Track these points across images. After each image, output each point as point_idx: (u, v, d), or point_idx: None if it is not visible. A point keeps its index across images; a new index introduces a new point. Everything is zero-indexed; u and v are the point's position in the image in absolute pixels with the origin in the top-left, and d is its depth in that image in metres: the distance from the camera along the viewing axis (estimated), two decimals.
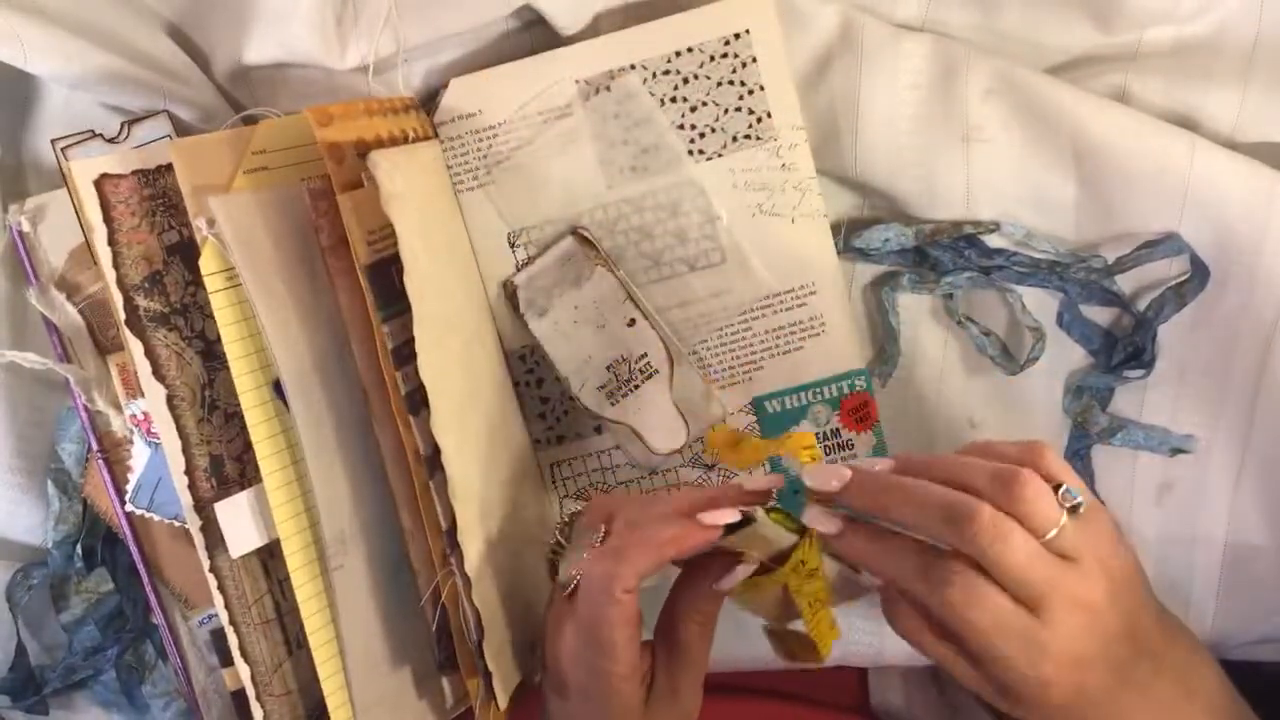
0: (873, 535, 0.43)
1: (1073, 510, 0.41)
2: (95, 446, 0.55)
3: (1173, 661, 0.45)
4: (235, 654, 0.51)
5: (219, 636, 0.53)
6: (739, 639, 0.55)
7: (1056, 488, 0.42)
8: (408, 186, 0.46)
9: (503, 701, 0.49)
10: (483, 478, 0.49)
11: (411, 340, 0.44)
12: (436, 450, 0.45)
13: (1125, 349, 0.55)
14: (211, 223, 0.45)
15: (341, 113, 0.46)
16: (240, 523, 0.50)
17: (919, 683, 0.65)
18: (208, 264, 0.46)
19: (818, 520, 0.44)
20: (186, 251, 0.50)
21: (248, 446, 0.48)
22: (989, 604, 0.40)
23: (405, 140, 0.50)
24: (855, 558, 0.44)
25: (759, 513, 0.44)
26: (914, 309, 0.57)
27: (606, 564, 0.43)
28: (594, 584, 0.43)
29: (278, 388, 0.47)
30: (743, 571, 0.45)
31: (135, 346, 0.49)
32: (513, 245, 0.55)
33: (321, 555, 0.48)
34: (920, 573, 0.41)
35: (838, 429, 0.56)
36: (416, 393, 0.45)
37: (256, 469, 0.47)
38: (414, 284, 0.44)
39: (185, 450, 0.49)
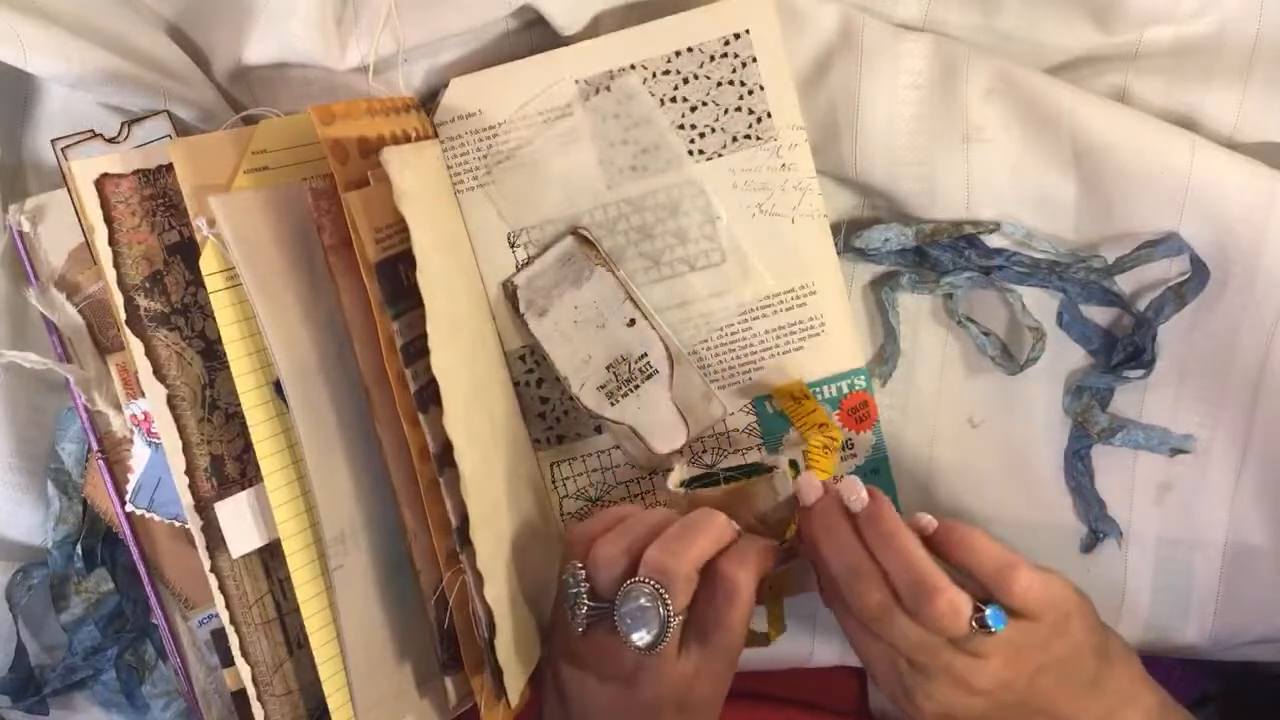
0: (830, 530, 0.47)
1: (983, 629, 0.43)
2: (95, 446, 0.55)
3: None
4: (236, 654, 0.51)
5: (219, 636, 0.53)
6: None
7: (982, 606, 0.43)
8: (417, 184, 0.46)
9: (514, 699, 0.49)
10: (490, 476, 0.50)
11: (420, 337, 0.44)
12: (445, 447, 0.45)
13: (1125, 349, 0.55)
14: (212, 222, 0.45)
15: (344, 112, 0.46)
16: (241, 523, 0.50)
17: None
18: (208, 264, 0.46)
19: (806, 487, 0.48)
20: (187, 251, 0.50)
21: (248, 446, 0.48)
22: (876, 650, 0.45)
23: (407, 140, 0.50)
24: (809, 538, 0.47)
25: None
26: (914, 309, 0.57)
27: (744, 570, 0.46)
28: (734, 589, 0.46)
29: (278, 387, 0.47)
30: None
31: (136, 346, 0.49)
32: (513, 245, 0.55)
33: (322, 555, 0.48)
34: (846, 584, 0.45)
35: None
36: (425, 390, 0.45)
37: (257, 469, 0.47)
38: (427, 280, 0.44)
39: (186, 450, 0.49)
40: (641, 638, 0.45)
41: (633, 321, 0.55)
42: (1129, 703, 0.48)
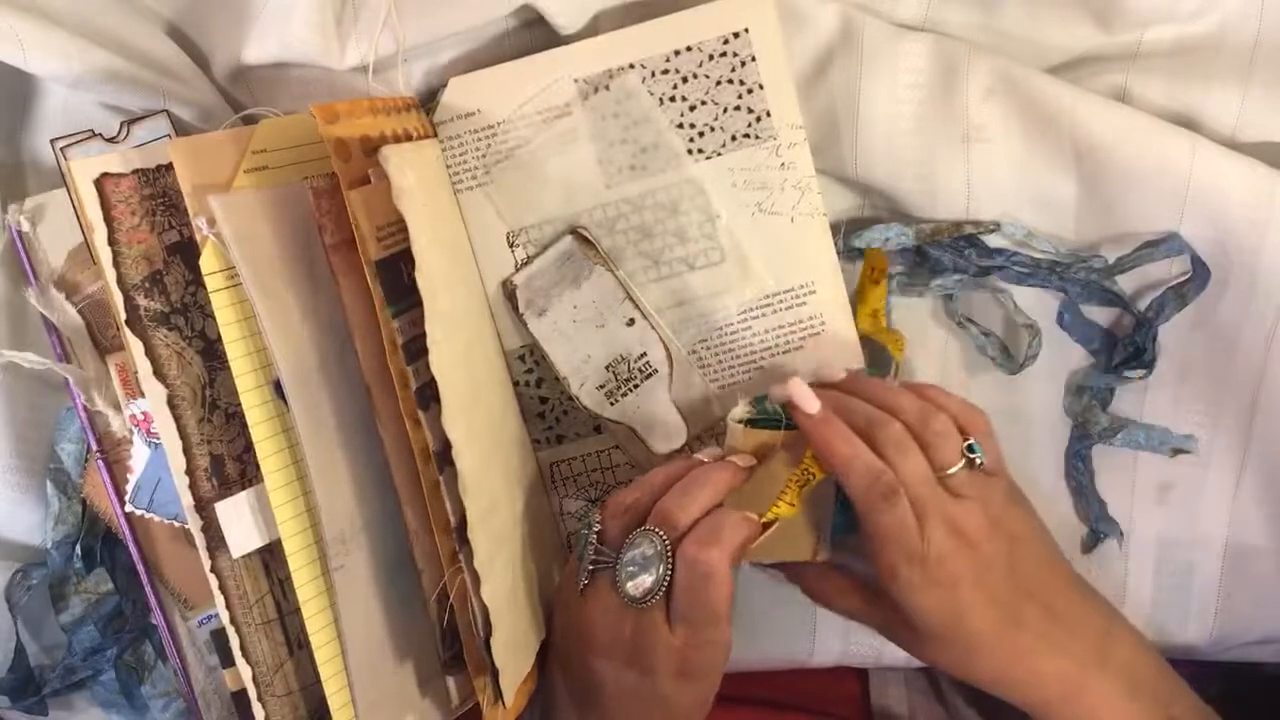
0: (844, 434, 0.48)
1: (970, 462, 0.48)
2: (95, 446, 0.55)
3: (1083, 625, 0.48)
4: (236, 654, 0.51)
5: (219, 636, 0.53)
6: (740, 641, 0.55)
7: (966, 440, 0.48)
8: (417, 182, 0.46)
9: (509, 699, 0.49)
10: (491, 474, 0.49)
11: (421, 336, 0.44)
12: (445, 446, 0.45)
13: (1126, 349, 0.55)
14: (212, 222, 0.45)
15: (346, 110, 0.46)
16: (241, 523, 0.50)
17: (920, 691, 0.65)
18: (208, 263, 0.46)
19: (801, 396, 0.48)
20: (187, 251, 0.50)
21: (249, 446, 0.48)
22: (899, 512, 0.46)
23: (408, 139, 0.50)
24: (820, 442, 0.48)
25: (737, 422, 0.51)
26: (914, 310, 0.57)
27: (712, 550, 0.46)
28: (706, 569, 0.46)
29: (279, 387, 0.47)
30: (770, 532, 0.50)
31: (135, 346, 0.49)
32: (512, 245, 0.55)
33: (323, 555, 0.48)
34: (870, 474, 0.46)
35: None
36: (426, 388, 0.45)
37: (257, 469, 0.47)
38: (426, 278, 0.44)
39: (186, 450, 0.49)
40: (638, 586, 0.46)
41: (632, 321, 0.55)
42: (1126, 634, 0.50)
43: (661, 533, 0.47)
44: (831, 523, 0.52)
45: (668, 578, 0.46)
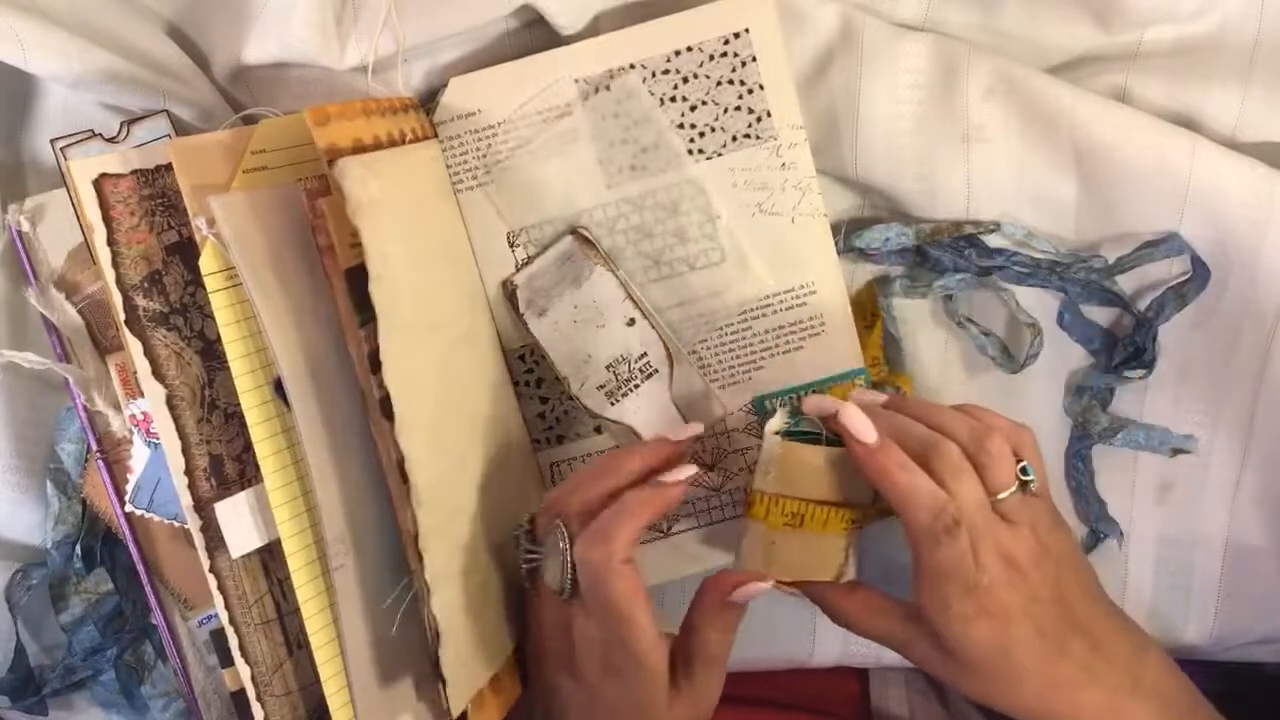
0: (902, 462, 0.46)
1: (1024, 484, 0.46)
2: (94, 446, 0.55)
3: (1117, 651, 0.47)
4: (236, 654, 0.51)
5: (219, 636, 0.53)
6: (740, 641, 0.55)
7: (1019, 462, 0.46)
8: (386, 191, 0.45)
9: (456, 710, 0.48)
10: (459, 483, 0.49)
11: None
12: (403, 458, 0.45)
13: (1126, 349, 0.55)
14: (211, 222, 0.45)
15: (339, 112, 0.46)
16: (240, 523, 0.50)
17: (920, 691, 0.65)
18: (207, 264, 0.46)
19: (856, 424, 0.46)
20: (186, 251, 0.50)
21: (248, 446, 0.47)
22: (962, 545, 0.44)
23: (403, 141, 0.50)
24: (878, 471, 0.46)
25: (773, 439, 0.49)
26: (914, 310, 0.57)
27: (598, 548, 0.45)
28: (593, 568, 0.45)
29: (278, 387, 0.47)
30: (756, 590, 0.48)
31: (135, 346, 0.49)
32: (512, 245, 0.55)
33: (322, 555, 0.47)
34: (934, 507, 0.45)
35: None
36: (388, 399, 0.45)
37: (257, 469, 0.47)
38: (381, 292, 0.43)
39: (185, 450, 0.49)
40: (550, 582, 0.47)
41: (632, 321, 0.55)
42: (1153, 658, 0.48)
43: (560, 525, 0.47)
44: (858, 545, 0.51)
45: (569, 574, 0.46)
